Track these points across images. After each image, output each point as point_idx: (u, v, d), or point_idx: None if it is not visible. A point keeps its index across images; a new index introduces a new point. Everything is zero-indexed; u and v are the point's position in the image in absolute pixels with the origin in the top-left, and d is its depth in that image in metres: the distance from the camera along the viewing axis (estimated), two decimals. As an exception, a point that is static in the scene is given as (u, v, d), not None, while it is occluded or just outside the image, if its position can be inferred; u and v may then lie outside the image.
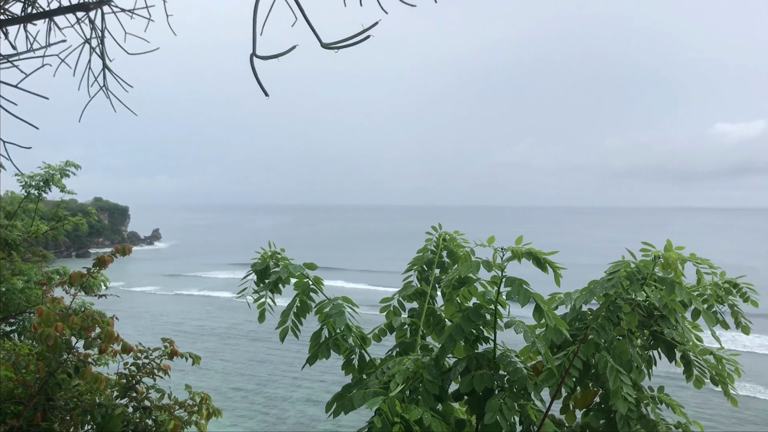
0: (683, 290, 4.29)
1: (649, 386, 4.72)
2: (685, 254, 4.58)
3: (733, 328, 4.98)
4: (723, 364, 4.73)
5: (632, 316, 4.34)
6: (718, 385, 4.64)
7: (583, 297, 4.45)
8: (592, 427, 4.59)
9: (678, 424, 4.69)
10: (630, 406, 4.32)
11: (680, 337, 4.67)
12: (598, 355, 4.26)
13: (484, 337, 4.52)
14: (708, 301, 4.89)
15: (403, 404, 3.88)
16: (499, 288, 4.19)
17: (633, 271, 4.45)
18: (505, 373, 4.26)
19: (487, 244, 4.40)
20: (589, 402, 4.66)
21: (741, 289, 4.96)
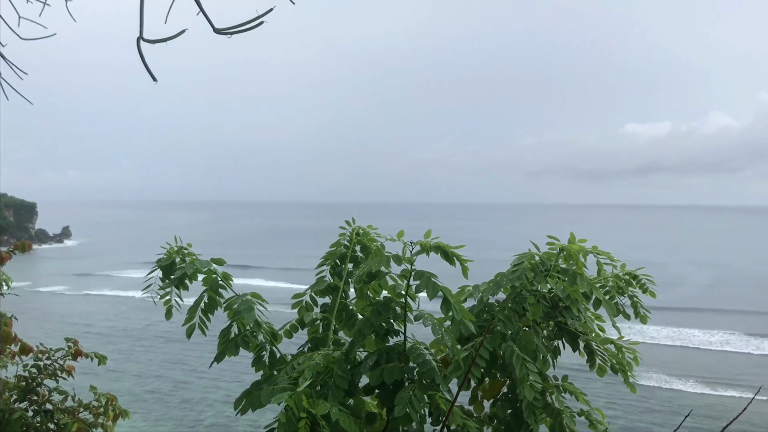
0: (584, 281, 4.44)
1: (554, 375, 4.87)
2: (587, 247, 4.74)
3: (633, 317, 5.18)
4: (623, 353, 4.92)
5: (536, 307, 4.47)
6: (617, 372, 4.82)
7: (490, 289, 4.55)
8: (499, 416, 4.69)
9: (581, 411, 4.85)
10: (536, 395, 4.44)
11: (583, 328, 4.83)
12: (505, 345, 4.36)
13: (394, 331, 4.55)
14: (610, 292, 5.06)
15: (310, 399, 3.85)
16: (408, 281, 4.23)
17: (537, 263, 4.58)
18: (415, 365, 4.30)
19: (397, 239, 4.44)
20: (497, 392, 4.76)
21: (640, 281, 5.17)
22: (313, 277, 5.38)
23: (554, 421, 4.61)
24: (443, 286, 4.12)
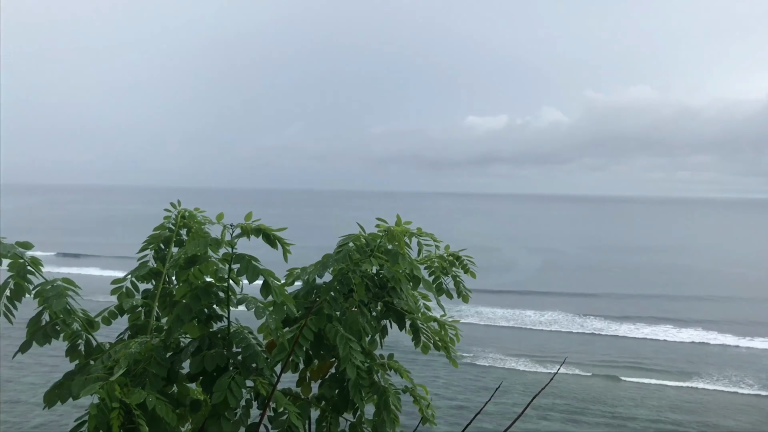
0: (406, 261, 4.58)
1: (380, 354, 4.98)
2: (412, 229, 4.87)
3: (455, 297, 5.40)
4: (446, 330, 5.12)
5: (361, 287, 4.54)
6: (440, 349, 5.01)
7: (317, 270, 4.56)
8: (326, 396, 4.73)
9: (405, 388, 5.01)
10: (361, 374, 4.53)
11: (409, 307, 4.97)
12: (330, 325, 4.40)
13: (217, 316, 4.45)
14: (435, 273, 5.25)
15: (125, 389, 3.67)
16: (230, 265, 4.15)
17: (362, 245, 4.65)
18: (239, 350, 4.24)
19: (216, 221, 4.33)
20: (325, 373, 4.80)
21: (462, 262, 5.40)
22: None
23: (380, 399, 4.73)
24: (264, 269, 4.08)
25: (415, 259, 5.07)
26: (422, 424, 5.11)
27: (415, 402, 5.09)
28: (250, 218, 4.26)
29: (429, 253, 5.28)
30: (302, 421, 4.45)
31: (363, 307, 4.72)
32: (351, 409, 4.69)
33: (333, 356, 4.71)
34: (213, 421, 4.06)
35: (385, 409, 4.72)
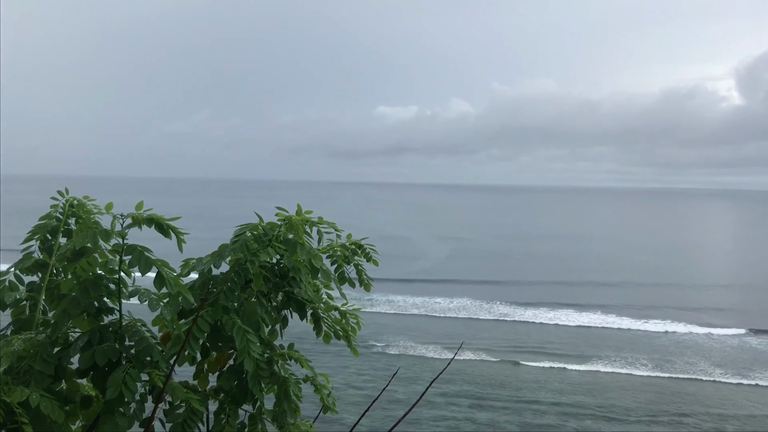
0: (305, 250, 4.54)
1: (280, 344, 4.94)
2: (313, 218, 4.84)
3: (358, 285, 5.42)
4: (347, 319, 5.14)
5: (259, 277, 4.48)
6: (340, 338, 5.03)
7: (213, 261, 4.46)
8: (224, 388, 4.66)
9: (306, 377, 5.00)
10: (261, 364, 4.48)
11: (311, 297, 4.94)
12: (226, 317, 4.32)
13: (108, 309, 4.28)
14: (337, 262, 5.24)
15: (5, 386, 3.49)
16: (121, 256, 4.00)
17: (260, 234, 4.58)
18: (132, 343, 4.10)
19: (106, 211, 4.16)
20: (223, 364, 4.72)
21: (365, 250, 5.42)
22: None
23: (280, 389, 4.70)
24: (157, 259, 3.96)
25: (317, 248, 5.04)
26: (323, 413, 5.12)
27: (317, 391, 5.10)
28: (142, 207, 4.12)
29: (331, 242, 5.26)
30: (199, 414, 4.37)
31: (262, 297, 4.66)
32: (250, 400, 4.64)
33: (231, 348, 4.64)
34: (107, 417, 3.92)
35: (285, 399, 4.69)
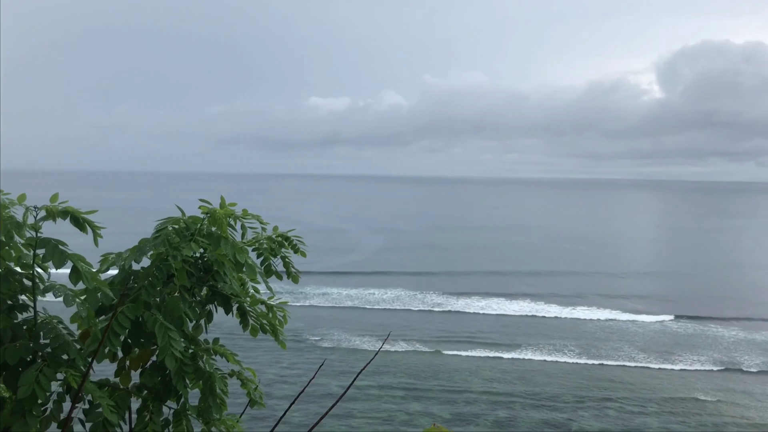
0: (228, 244, 4.48)
1: (205, 339, 4.87)
2: (237, 211, 4.78)
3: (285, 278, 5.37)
4: (274, 312, 5.10)
5: (182, 272, 4.39)
6: (267, 332, 4.99)
7: (133, 256, 4.35)
8: (147, 385, 4.56)
9: (232, 372, 4.95)
10: (185, 360, 4.41)
11: (235, 290, 4.88)
12: (147, 313, 4.23)
13: (21, 306, 4.12)
14: (263, 254, 5.18)
15: None
16: (35, 250, 3.85)
17: (182, 228, 4.49)
18: (47, 341, 3.96)
19: (18, 203, 3.99)
20: (146, 361, 4.61)
21: (292, 242, 5.37)
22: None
23: (205, 385, 4.64)
24: (73, 254, 3.84)
25: (243, 241, 4.98)
26: (251, 407, 5.08)
27: (243, 385, 5.05)
28: (57, 200, 3.97)
29: (257, 234, 5.20)
30: (120, 412, 4.26)
31: (185, 292, 4.58)
32: (174, 397, 4.56)
33: (154, 344, 4.54)
34: (17, 417, 3.78)
35: (210, 395, 4.63)
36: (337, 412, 37.96)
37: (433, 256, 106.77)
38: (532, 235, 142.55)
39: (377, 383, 43.13)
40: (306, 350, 50.30)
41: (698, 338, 56.06)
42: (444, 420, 37.22)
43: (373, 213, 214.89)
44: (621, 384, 43.80)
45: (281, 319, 5.12)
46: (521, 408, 39.29)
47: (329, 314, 63.43)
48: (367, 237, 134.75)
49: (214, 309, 4.97)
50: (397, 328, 58.12)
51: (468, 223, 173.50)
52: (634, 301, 71.32)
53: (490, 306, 68.14)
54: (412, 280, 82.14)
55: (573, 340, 54.32)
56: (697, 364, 48.12)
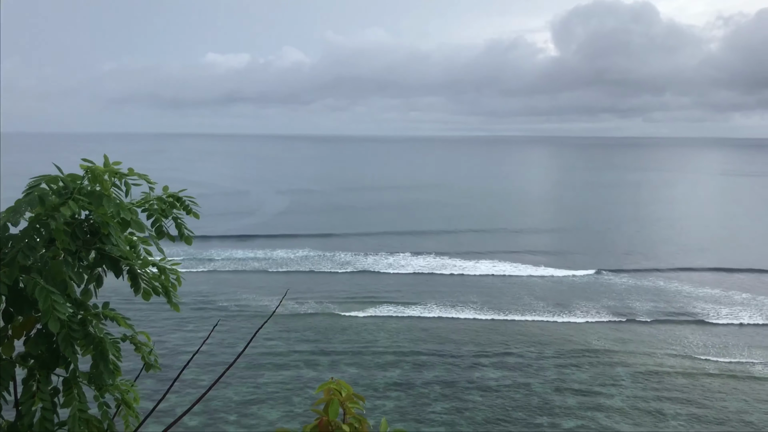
0: (111, 203, 4.31)
1: (95, 304, 4.70)
2: (123, 170, 4.59)
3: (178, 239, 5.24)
4: (167, 275, 4.97)
5: (60, 233, 4.18)
6: (160, 294, 4.87)
7: (8, 217, 4.11)
8: (33, 354, 4.37)
9: (124, 336, 4.82)
10: (73, 326, 4.25)
11: (125, 252, 4.71)
12: (26, 277, 4.03)
13: None
14: (154, 215, 5.02)
15: None
16: None
17: (60, 188, 4.27)
18: None
19: None
20: (30, 329, 4.41)
21: (184, 202, 5.23)
22: None
23: (96, 350, 4.49)
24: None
25: (132, 201, 4.81)
26: (146, 371, 4.98)
27: (137, 349, 4.93)
28: None
29: (146, 194, 5.02)
30: (3, 383, 4.08)
31: (70, 256, 4.38)
32: (63, 365, 4.39)
33: (38, 311, 4.34)
34: None
35: (102, 361, 4.49)
36: (245, 373, 37.88)
37: (340, 216, 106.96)
38: (438, 193, 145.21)
39: (286, 343, 43.25)
40: (213, 314, 49.66)
41: (594, 290, 59.21)
42: (351, 375, 37.88)
43: (278, 173, 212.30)
44: (521, 336, 45.81)
45: (174, 281, 4.99)
46: (426, 361, 40.47)
47: (235, 277, 62.70)
48: (272, 198, 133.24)
49: (104, 273, 4.79)
50: (304, 289, 58.20)
51: (374, 183, 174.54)
52: (535, 255, 74.26)
53: (398, 263, 69.28)
54: (319, 242, 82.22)
55: (476, 296, 56.11)
56: (593, 314, 50.85)
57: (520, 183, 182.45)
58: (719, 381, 37.89)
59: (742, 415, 33.34)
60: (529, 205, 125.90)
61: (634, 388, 36.60)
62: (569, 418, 32.79)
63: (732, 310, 52.00)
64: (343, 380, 3.63)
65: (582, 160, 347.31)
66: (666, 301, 54.81)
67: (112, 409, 4.67)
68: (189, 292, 55.55)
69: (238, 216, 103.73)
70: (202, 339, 43.83)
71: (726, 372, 39.34)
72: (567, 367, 39.53)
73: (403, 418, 32.64)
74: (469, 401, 34.72)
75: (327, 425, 3.19)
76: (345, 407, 3.27)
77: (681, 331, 46.94)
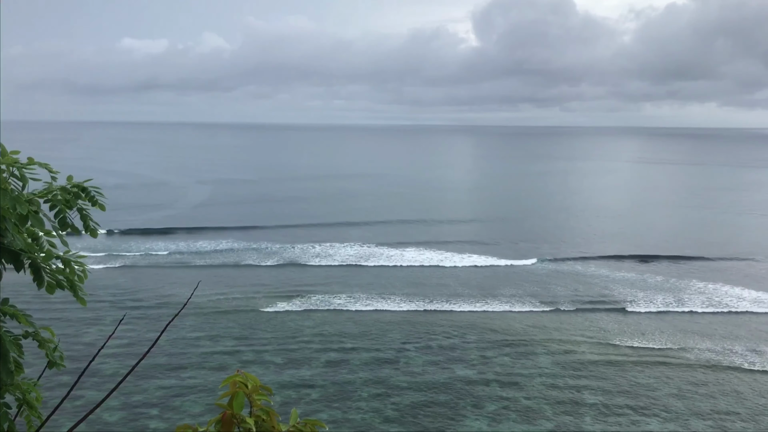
0: (7, 195, 4.11)
1: (-7, 301, 4.49)
2: (21, 159, 4.38)
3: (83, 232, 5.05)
4: (72, 268, 4.79)
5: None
6: (65, 288, 4.68)
7: None
8: None
9: (26, 333, 4.63)
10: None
11: (26, 245, 4.51)
12: None
13: None
14: (58, 206, 4.81)
15: None
16: None
17: (-50, 180, 4.05)
18: None
19: None
20: None
21: (89, 193, 5.03)
22: None
23: (-5, 348, 4.29)
24: None
25: (33, 192, 4.59)
26: (49, 368, 4.80)
27: (41, 346, 4.74)
28: None
29: (49, 184, 4.81)
30: None
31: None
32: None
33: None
34: None
35: (1, 359, 4.30)
36: (168, 367, 37.11)
37: (264, 207, 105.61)
38: (364, 183, 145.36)
39: (209, 336, 42.58)
40: (130, 309, 48.35)
41: (517, 278, 60.73)
42: (277, 365, 37.63)
43: (200, 162, 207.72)
44: (446, 324, 46.65)
45: (80, 274, 4.81)
46: (352, 350, 40.64)
47: (155, 272, 61.13)
48: (194, 188, 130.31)
49: (3, 267, 4.57)
50: (228, 281, 57.37)
51: (299, 172, 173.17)
52: (460, 245, 75.39)
53: (325, 252, 69.14)
54: (243, 233, 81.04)
55: (402, 286, 56.59)
56: (516, 302, 52.13)
57: (446, 172, 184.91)
58: (635, 365, 39.69)
59: (651, 392, 35.06)
60: (455, 195, 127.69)
61: (552, 372, 37.87)
62: (491, 401, 33.64)
63: (647, 294, 54.31)
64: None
65: (504, 150, 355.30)
66: (586, 286, 56.78)
67: (13, 410, 4.48)
68: (107, 286, 53.85)
69: (158, 207, 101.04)
70: (121, 332, 42.63)
71: (643, 356, 41.24)
72: (490, 352, 40.49)
73: (329, 407, 32.71)
74: (395, 387, 35.12)
75: (231, 419, 3.15)
76: (251, 400, 3.23)
77: (599, 316, 48.75)
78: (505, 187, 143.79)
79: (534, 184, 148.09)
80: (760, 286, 57.02)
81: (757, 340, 43.55)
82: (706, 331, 45.21)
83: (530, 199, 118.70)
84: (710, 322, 47.15)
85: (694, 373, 37.85)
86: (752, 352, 41.32)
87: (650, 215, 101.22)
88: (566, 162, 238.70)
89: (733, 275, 61.21)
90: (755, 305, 51.28)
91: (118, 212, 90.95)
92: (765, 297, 53.47)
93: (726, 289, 55.64)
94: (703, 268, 63.97)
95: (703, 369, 38.54)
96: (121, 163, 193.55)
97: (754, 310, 50.25)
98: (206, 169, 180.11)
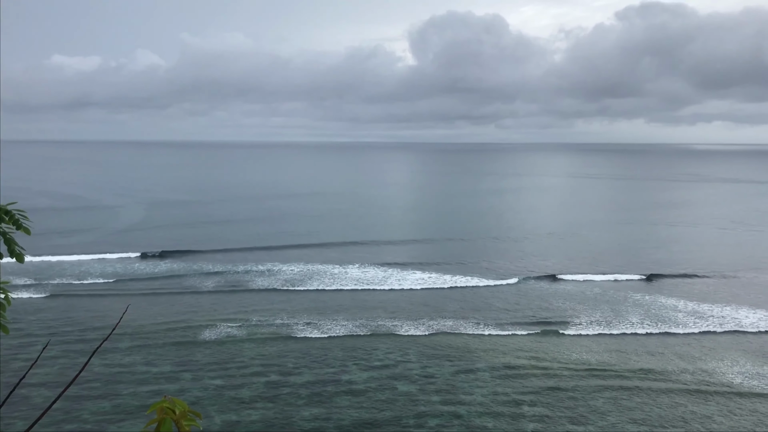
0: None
1: None
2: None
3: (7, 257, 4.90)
4: (1, 294, 4.63)
5: None
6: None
7: None
8: None
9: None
10: None
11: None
12: None
13: None
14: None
15: None
16: None
17: None
18: None
19: None
20: None
21: (13, 217, 4.89)
22: None
23: None
24: None
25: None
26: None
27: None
28: None
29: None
30: None
31: None
32: None
33: None
34: None
35: None
36: (103, 392, 35.90)
37: (201, 229, 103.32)
38: (304, 202, 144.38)
39: (145, 360, 41.41)
40: (58, 335, 46.61)
41: (458, 296, 61.23)
42: (217, 386, 36.84)
43: (132, 182, 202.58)
44: (386, 342, 46.72)
45: (3, 301, 4.65)
46: (293, 370, 40.16)
47: (86, 299, 58.93)
48: (128, 210, 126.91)
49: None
50: (164, 306, 55.96)
51: (238, 192, 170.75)
52: (401, 265, 75.63)
53: (267, 273, 68.32)
54: (180, 257, 79.21)
55: (343, 309, 56.27)
56: (453, 318, 52.58)
57: (385, 190, 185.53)
58: (570, 378, 40.50)
59: (588, 403, 35.86)
60: (396, 213, 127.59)
61: (492, 386, 38.29)
62: (433, 416, 33.72)
63: (586, 308, 55.56)
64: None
65: (442, 166, 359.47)
66: (527, 301, 57.74)
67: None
68: (35, 312, 51.88)
69: (90, 231, 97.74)
70: (50, 361, 40.97)
71: (578, 370, 42.14)
72: (430, 368, 40.65)
73: (270, 429, 32.18)
74: (336, 405, 34.84)
75: (158, 446, 3.07)
76: (179, 425, 3.17)
77: (536, 334, 49.62)
78: (446, 204, 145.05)
79: (473, 202, 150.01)
80: (696, 297, 59.26)
81: (688, 348, 45.18)
82: (641, 349, 46.63)
83: (471, 217, 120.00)
84: (647, 340, 48.56)
85: (626, 382, 38.95)
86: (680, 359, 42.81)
87: (585, 231, 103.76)
88: (502, 178, 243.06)
89: (669, 288, 63.38)
90: (691, 317, 53.14)
91: (48, 236, 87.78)
92: (701, 308, 55.53)
93: (662, 301, 57.56)
94: (640, 284, 65.95)
95: (639, 380, 39.71)
96: (51, 183, 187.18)
97: (689, 322, 52.01)
98: (140, 188, 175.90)
